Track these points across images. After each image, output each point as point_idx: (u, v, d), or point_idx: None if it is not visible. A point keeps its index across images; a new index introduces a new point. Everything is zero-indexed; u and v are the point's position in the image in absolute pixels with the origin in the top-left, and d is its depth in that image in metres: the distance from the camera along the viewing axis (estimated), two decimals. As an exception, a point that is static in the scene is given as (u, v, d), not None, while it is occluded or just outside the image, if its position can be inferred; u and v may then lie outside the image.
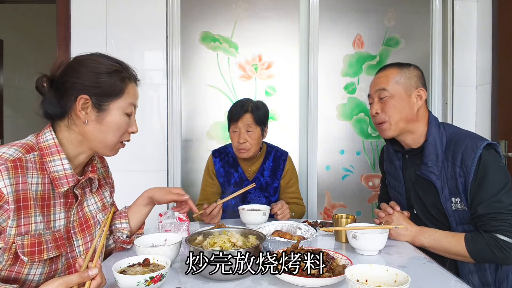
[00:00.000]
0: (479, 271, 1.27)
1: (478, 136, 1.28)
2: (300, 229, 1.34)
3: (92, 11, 2.35)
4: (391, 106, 1.35)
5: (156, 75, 2.38)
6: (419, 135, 1.38)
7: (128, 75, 1.05)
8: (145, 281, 0.87)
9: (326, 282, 0.91)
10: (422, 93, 1.37)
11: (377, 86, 1.39)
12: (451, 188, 1.28)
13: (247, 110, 1.70)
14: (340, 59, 2.50)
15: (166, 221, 1.36)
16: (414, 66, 1.41)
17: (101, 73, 0.99)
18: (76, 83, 0.97)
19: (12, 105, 3.90)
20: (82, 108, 0.98)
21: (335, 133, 2.51)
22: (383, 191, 1.69)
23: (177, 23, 2.38)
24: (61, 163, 0.97)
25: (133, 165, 2.38)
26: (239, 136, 1.70)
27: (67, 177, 0.97)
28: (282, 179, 1.83)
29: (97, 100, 0.98)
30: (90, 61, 1.00)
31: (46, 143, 0.97)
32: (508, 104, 2.18)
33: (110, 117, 1.00)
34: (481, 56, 2.46)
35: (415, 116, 1.36)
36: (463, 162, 1.23)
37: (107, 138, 1.02)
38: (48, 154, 0.96)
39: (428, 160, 1.32)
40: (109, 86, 0.99)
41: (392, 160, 1.52)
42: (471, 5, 2.50)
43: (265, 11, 2.45)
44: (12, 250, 0.88)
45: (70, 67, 0.99)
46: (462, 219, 1.28)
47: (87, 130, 1.00)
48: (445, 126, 1.37)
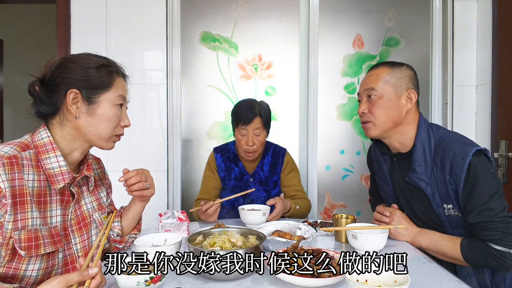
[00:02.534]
0: (477, 273, 1.25)
1: (467, 141, 1.23)
2: (300, 229, 1.34)
3: (92, 11, 2.34)
4: (378, 106, 1.30)
5: (156, 75, 2.38)
6: (408, 139, 1.32)
7: (116, 69, 1.08)
8: (145, 281, 0.87)
9: (326, 282, 0.91)
10: (412, 95, 1.30)
11: (366, 85, 1.34)
12: (442, 195, 1.24)
13: (256, 113, 1.70)
14: (340, 59, 2.50)
15: (166, 221, 1.37)
16: (407, 66, 1.35)
17: (89, 67, 1.02)
18: (65, 78, 0.99)
19: (12, 105, 3.90)
20: (73, 102, 1.00)
21: (335, 133, 2.51)
22: (374, 187, 1.66)
23: (177, 23, 2.38)
24: (57, 160, 0.98)
25: (133, 165, 2.36)
26: (248, 139, 1.70)
27: (62, 174, 0.99)
28: (282, 173, 1.85)
29: (86, 93, 1.01)
30: (78, 58, 1.03)
31: (41, 141, 0.99)
32: (508, 104, 2.18)
33: (100, 109, 1.03)
34: (481, 56, 2.46)
35: (403, 119, 1.31)
36: (452, 169, 1.19)
37: (99, 130, 1.04)
38: (44, 152, 0.98)
39: (416, 166, 1.28)
40: (97, 79, 1.02)
41: (379, 162, 1.48)
42: (471, 5, 2.50)
43: (265, 11, 2.45)
44: (10, 245, 0.89)
45: (59, 65, 1.02)
46: (457, 223, 1.25)
47: (79, 124, 1.02)
48: (433, 128, 1.31)
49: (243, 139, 1.72)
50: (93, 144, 1.08)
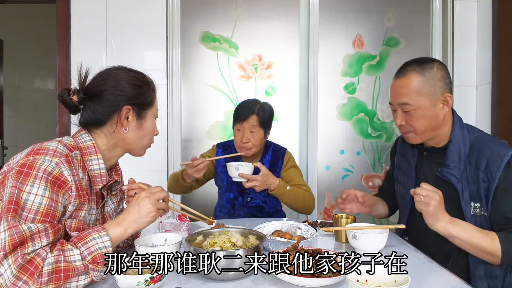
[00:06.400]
0: (489, 278, 1.25)
1: (504, 143, 1.26)
2: (300, 229, 1.34)
3: (92, 11, 2.34)
4: (416, 118, 1.28)
5: (156, 75, 2.37)
6: (443, 137, 1.32)
7: (154, 85, 1.18)
8: (145, 281, 0.87)
9: (326, 282, 0.91)
10: (448, 98, 1.27)
11: (398, 99, 1.29)
12: (471, 193, 1.25)
13: (254, 112, 1.73)
14: (340, 59, 2.50)
15: (166, 221, 1.37)
16: (438, 65, 1.28)
17: (140, 85, 1.11)
18: (120, 95, 1.06)
19: (12, 105, 3.90)
20: (125, 117, 1.08)
21: (335, 133, 2.51)
22: (387, 184, 1.65)
23: (177, 23, 2.38)
24: (98, 162, 1.05)
25: (133, 165, 2.37)
26: (243, 136, 1.74)
27: (101, 176, 1.06)
28: (282, 171, 1.85)
29: (138, 109, 1.10)
30: (123, 74, 1.10)
31: (85, 143, 1.05)
32: (508, 104, 2.19)
33: (147, 123, 1.14)
34: (481, 56, 2.46)
35: (442, 122, 1.30)
36: (488, 167, 1.20)
37: (143, 141, 1.15)
38: (87, 154, 1.04)
39: (450, 162, 1.28)
40: (147, 97, 1.13)
41: (407, 155, 1.47)
42: (471, 5, 2.50)
43: (265, 11, 2.45)
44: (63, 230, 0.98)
45: (105, 79, 1.07)
46: (479, 225, 1.24)
47: (127, 136, 1.10)
48: (469, 128, 1.32)
49: (239, 135, 1.76)
50: (132, 153, 1.17)
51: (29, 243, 0.86)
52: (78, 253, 0.89)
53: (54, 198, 0.92)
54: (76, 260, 0.88)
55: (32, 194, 0.89)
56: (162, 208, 1.07)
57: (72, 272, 0.88)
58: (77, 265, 0.88)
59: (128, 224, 1.00)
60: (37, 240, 0.87)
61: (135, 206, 1.02)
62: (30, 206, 0.89)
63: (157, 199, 1.05)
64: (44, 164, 0.92)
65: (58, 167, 0.93)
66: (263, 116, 1.74)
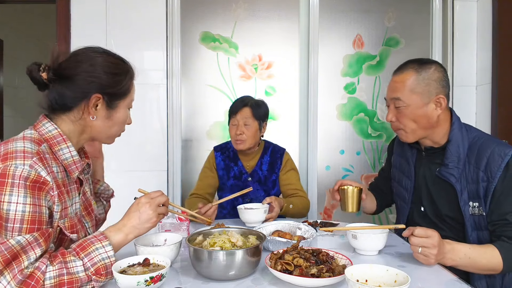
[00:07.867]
0: (488, 277, 1.25)
1: (504, 143, 1.26)
2: (300, 229, 1.34)
3: (92, 11, 2.34)
4: (405, 116, 1.29)
5: (156, 75, 2.38)
6: (441, 137, 1.32)
7: (132, 73, 1.10)
8: (145, 281, 0.87)
9: (326, 282, 0.91)
10: (442, 100, 1.26)
11: (392, 94, 1.31)
12: (470, 192, 1.25)
13: (246, 104, 1.77)
14: (340, 59, 2.50)
15: (166, 221, 1.37)
16: (436, 66, 1.29)
17: (116, 73, 1.03)
18: (92, 82, 0.99)
19: (12, 105, 3.90)
20: (93, 105, 1.01)
21: (335, 133, 2.51)
22: (381, 182, 1.65)
23: (177, 23, 2.38)
24: (69, 150, 0.99)
25: (133, 165, 2.38)
26: (237, 128, 1.76)
27: (75, 163, 1.01)
28: (280, 172, 1.85)
29: (109, 99, 1.02)
30: (99, 59, 1.01)
31: (50, 133, 0.98)
32: (508, 104, 2.19)
33: (117, 113, 1.06)
34: (481, 56, 2.46)
35: (435, 123, 1.29)
36: (488, 167, 1.20)
37: (112, 131, 1.08)
38: (56, 144, 0.98)
39: (449, 162, 1.28)
40: (122, 86, 1.05)
41: (405, 155, 1.47)
42: (471, 5, 2.50)
43: (265, 11, 2.45)
44: (57, 233, 0.96)
45: (79, 62, 0.99)
46: (477, 224, 1.25)
47: (94, 124, 1.03)
48: (467, 128, 1.32)
49: (233, 129, 1.78)
50: (98, 140, 1.13)
51: (23, 256, 0.83)
52: (81, 264, 0.88)
53: (37, 203, 0.87)
54: (79, 272, 0.87)
55: (13, 203, 0.84)
56: (162, 213, 1.06)
57: (76, 284, 0.87)
58: (81, 276, 0.88)
59: (128, 230, 1.00)
60: (30, 251, 0.84)
61: (135, 212, 1.01)
62: (14, 216, 0.84)
63: (158, 205, 1.04)
64: (17, 170, 0.85)
65: (33, 169, 0.87)
66: (256, 108, 1.77)
